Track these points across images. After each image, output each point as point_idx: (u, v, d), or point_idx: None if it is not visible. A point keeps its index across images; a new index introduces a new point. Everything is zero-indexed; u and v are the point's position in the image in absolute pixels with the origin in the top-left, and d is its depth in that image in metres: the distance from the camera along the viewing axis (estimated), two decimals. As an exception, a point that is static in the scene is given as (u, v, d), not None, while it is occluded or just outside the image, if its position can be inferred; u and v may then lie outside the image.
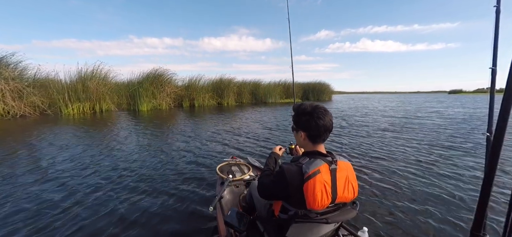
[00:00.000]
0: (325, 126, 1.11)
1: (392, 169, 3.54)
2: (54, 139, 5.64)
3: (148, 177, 3.19)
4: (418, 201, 2.53)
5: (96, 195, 2.65)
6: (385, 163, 3.86)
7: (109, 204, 2.44)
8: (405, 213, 2.28)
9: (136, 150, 4.66)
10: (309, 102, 1.19)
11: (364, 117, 10.71)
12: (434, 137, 5.90)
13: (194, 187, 2.86)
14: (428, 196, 2.65)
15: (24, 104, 10.41)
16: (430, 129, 7.24)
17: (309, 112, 1.12)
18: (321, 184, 1.00)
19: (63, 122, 8.83)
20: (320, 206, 1.01)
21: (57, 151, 4.55)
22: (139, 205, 2.42)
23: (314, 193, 0.99)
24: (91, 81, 12.22)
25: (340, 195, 1.06)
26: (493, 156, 0.80)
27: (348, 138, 5.96)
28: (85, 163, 3.82)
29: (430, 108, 15.57)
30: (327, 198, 1.01)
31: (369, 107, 17.14)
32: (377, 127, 7.75)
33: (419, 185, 2.95)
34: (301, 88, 26.16)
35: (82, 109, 12.06)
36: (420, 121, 9.01)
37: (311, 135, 1.13)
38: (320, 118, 1.10)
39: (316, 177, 1.00)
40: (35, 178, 3.16)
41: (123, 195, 2.64)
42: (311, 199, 1.00)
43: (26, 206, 2.41)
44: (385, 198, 2.60)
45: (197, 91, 16.89)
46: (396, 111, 13.32)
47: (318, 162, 1.04)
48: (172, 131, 6.91)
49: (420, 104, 20.36)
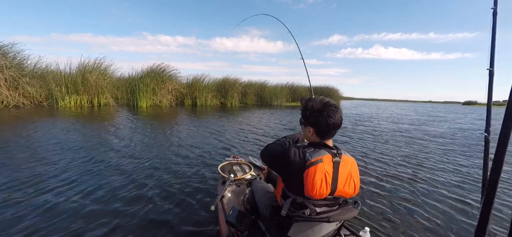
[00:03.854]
0: (335, 123, 1.08)
1: (395, 170, 3.53)
2: (39, 132, 5.16)
3: (146, 176, 3.07)
4: (422, 203, 2.50)
5: (93, 196, 2.47)
6: (388, 165, 3.88)
7: (107, 201, 2.36)
8: (407, 214, 2.26)
9: (132, 147, 4.49)
10: (319, 98, 1.13)
11: (371, 122, 9.97)
12: (440, 143, 5.98)
13: (195, 186, 2.80)
14: (432, 197, 2.63)
15: (19, 94, 10.07)
16: (437, 135, 7.35)
17: (319, 109, 1.09)
18: (322, 173, 1.00)
19: (58, 114, 8.46)
20: (318, 194, 1.01)
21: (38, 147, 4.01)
22: (138, 204, 2.35)
23: (314, 180, 0.99)
24: (91, 74, 11.83)
25: (340, 188, 1.05)
26: (497, 157, 0.80)
27: (353, 141, 5.90)
28: (73, 159, 3.58)
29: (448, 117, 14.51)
30: (326, 187, 1.01)
31: (381, 115, 16.19)
32: (384, 132, 7.74)
33: (423, 186, 2.95)
34: (309, 92, 25.29)
35: (79, 102, 11.68)
36: (426, 128, 9.07)
37: (320, 132, 1.10)
38: (330, 115, 1.07)
39: (317, 165, 1.00)
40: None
41: (122, 193, 2.55)
42: (310, 186, 1.00)
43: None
44: (387, 199, 2.58)
45: (199, 90, 16.29)
46: (407, 118, 12.56)
47: (322, 152, 1.04)
48: (171, 129, 6.67)
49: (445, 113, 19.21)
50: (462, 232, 2.04)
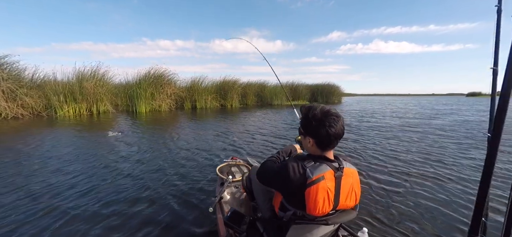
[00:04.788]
0: (337, 134, 1.02)
1: (393, 169, 3.46)
2: (41, 143, 5.12)
3: (144, 178, 3.07)
4: (419, 202, 2.47)
5: (90, 197, 2.49)
6: (387, 163, 3.77)
7: (105, 205, 2.34)
8: (405, 214, 2.23)
9: (131, 151, 4.48)
10: (320, 106, 1.06)
11: (373, 118, 9.72)
12: (438, 139, 5.78)
13: (193, 187, 2.77)
14: (430, 197, 2.59)
15: (17, 105, 10.00)
16: (436, 129, 7.22)
17: (320, 119, 1.02)
18: (324, 191, 0.97)
19: (57, 124, 8.37)
20: (321, 212, 0.98)
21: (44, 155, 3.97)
22: (136, 206, 2.33)
23: (316, 200, 0.96)
24: (88, 82, 11.74)
25: (342, 203, 1.03)
26: (490, 157, 0.80)
27: (352, 140, 5.64)
28: (75, 165, 3.60)
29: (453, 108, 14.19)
30: (328, 205, 0.98)
31: (385, 111, 15.92)
32: (383, 128, 7.54)
33: (421, 186, 2.88)
34: (309, 90, 25.07)
35: (78, 111, 11.61)
36: (424, 122, 8.94)
37: (320, 143, 1.04)
38: (332, 126, 1.01)
39: (319, 183, 0.96)
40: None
41: (119, 194, 2.57)
42: (312, 205, 0.97)
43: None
44: (385, 199, 2.54)
45: (199, 93, 16.15)
46: (407, 113, 12.30)
47: (324, 168, 0.99)
48: (170, 133, 6.60)
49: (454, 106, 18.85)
50: (458, 231, 2.02)
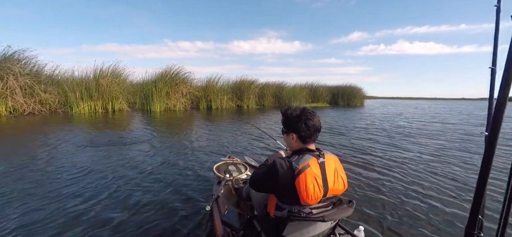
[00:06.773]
0: (315, 126, 1.14)
1: (390, 168, 3.48)
2: (58, 138, 5.11)
3: (144, 175, 3.05)
4: (416, 200, 2.44)
5: (88, 197, 2.44)
6: (384, 162, 3.80)
7: (104, 201, 2.33)
8: (402, 212, 2.20)
9: (131, 151, 4.39)
10: (295, 106, 1.21)
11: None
12: (437, 139, 5.83)
13: (190, 186, 2.75)
14: (427, 195, 2.57)
15: (34, 101, 9.95)
16: (433, 131, 7.26)
17: (298, 115, 1.15)
18: (312, 177, 1.01)
19: (72, 121, 8.16)
20: (314, 199, 1.02)
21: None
22: (133, 203, 2.30)
23: (307, 186, 1.00)
24: (104, 79, 11.57)
25: (331, 187, 1.07)
26: (487, 155, 0.81)
27: (352, 140, 5.70)
28: (85, 164, 3.53)
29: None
30: (319, 190, 1.02)
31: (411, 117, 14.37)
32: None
33: (418, 184, 2.88)
34: (330, 92, 23.81)
35: (93, 108, 11.46)
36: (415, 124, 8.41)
37: (302, 136, 1.14)
38: (309, 118, 1.14)
39: (306, 171, 1.01)
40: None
41: (118, 193, 2.53)
42: (304, 193, 1.00)
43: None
44: (382, 197, 2.50)
45: (214, 93, 15.59)
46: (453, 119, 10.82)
47: (307, 157, 1.06)
48: (179, 133, 6.40)
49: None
50: (455, 228, 2.00)
